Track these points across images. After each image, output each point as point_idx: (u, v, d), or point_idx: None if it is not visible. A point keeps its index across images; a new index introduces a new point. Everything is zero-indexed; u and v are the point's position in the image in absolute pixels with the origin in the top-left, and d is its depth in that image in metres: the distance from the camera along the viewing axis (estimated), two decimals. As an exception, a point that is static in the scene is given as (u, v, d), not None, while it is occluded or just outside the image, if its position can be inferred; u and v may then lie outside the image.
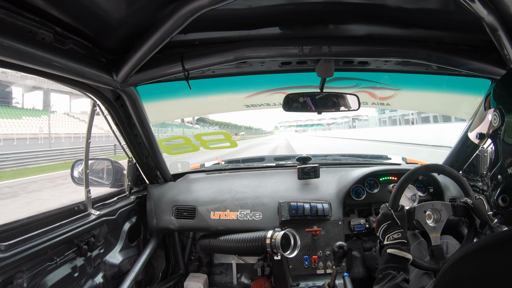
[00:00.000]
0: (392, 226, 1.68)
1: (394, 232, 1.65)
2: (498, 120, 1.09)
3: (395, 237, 1.63)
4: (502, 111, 1.08)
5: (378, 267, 1.60)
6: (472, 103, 2.50)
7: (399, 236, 1.63)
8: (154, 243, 2.84)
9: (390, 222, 1.69)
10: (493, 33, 1.44)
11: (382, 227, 1.71)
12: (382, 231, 1.70)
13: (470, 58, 1.89)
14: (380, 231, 1.72)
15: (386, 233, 1.67)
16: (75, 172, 2.49)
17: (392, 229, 1.67)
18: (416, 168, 1.93)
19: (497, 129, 1.10)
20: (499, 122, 1.09)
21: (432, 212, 1.88)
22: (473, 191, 1.94)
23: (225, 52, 1.83)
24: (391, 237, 1.64)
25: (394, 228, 1.67)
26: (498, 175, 1.10)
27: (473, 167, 2.79)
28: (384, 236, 1.69)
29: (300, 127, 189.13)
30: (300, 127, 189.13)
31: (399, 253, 1.57)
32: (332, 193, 2.73)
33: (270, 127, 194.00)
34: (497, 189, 1.11)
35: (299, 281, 2.43)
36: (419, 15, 1.67)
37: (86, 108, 5.44)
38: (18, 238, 1.60)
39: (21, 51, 1.17)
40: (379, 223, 1.74)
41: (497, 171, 1.11)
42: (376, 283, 1.54)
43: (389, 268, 1.53)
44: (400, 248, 1.58)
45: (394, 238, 1.63)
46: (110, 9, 1.35)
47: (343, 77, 2.70)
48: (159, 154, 2.75)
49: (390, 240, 1.64)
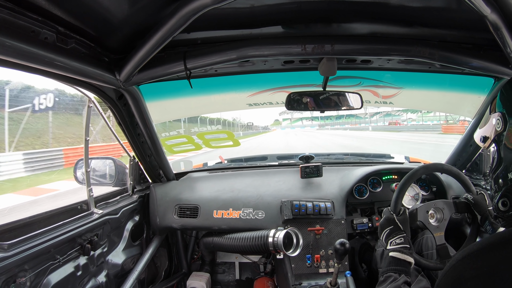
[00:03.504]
0: (395, 231, 1.69)
1: (397, 237, 1.66)
2: (501, 125, 1.09)
3: (397, 242, 1.64)
4: (505, 116, 1.08)
5: (381, 270, 1.62)
6: (475, 101, 2.48)
7: (402, 241, 1.64)
8: (157, 242, 2.85)
9: (393, 227, 1.70)
10: (496, 31, 1.44)
11: (385, 232, 1.72)
12: (385, 236, 1.71)
13: (473, 57, 1.88)
14: (383, 236, 1.73)
15: (389, 238, 1.68)
16: (78, 172, 2.49)
17: (395, 234, 1.68)
18: (415, 169, 1.92)
19: (500, 134, 1.10)
20: (502, 127, 1.09)
21: (435, 211, 1.87)
22: (474, 187, 1.94)
23: (228, 51, 1.83)
24: (394, 242, 1.65)
25: (397, 233, 1.68)
26: (500, 179, 1.10)
27: (476, 166, 2.78)
28: (387, 240, 1.69)
29: (320, 120, 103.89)
30: (320, 120, 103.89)
31: (402, 256, 1.58)
32: (334, 192, 2.73)
33: (268, 120, 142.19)
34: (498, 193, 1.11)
35: (302, 280, 2.44)
36: (422, 14, 1.66)
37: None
38: (21, 237, 1.61)
39: (24, 51, 1.17)
40: (382, 228, 1.75)
41: (499, 174, 1.11)
42: (378, 285, 1.55)
43: (390, 271, 1.55)
44: (402, 252, 1.59)
45: (397, 243, 1.64)
46: (112, 9, 1.35)
47: (346, 76, 2.69)
48: (162, 153, 2.75)
49: (393, 245, 1.65)
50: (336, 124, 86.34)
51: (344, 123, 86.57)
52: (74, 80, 1.68)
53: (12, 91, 16.87)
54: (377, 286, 1.55)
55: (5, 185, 11.82)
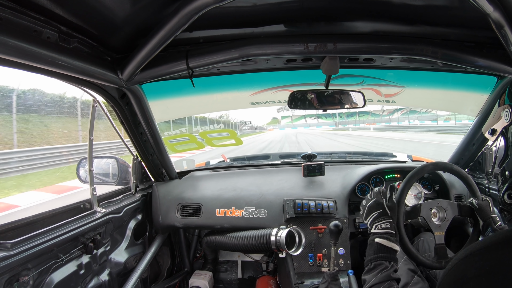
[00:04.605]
0: (382, 215, 1.69)
1: (383, 221, 1.66)
2: (510, 117, 1.09)
3: (383, 226, 1.64)
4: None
5: (368, 257, 1.60)
6: (478, 100, 2.47)
7: (388, 226, 1.64)
8: (159, 240, 2.86)
9: (381, 211, 1.70)
10: (499, 30, 1.43)
11: (372, 215, 1.72)
12: (372, 219, 1.71)
13: (476, 55, 1.87)
14: (370, 219, 1.73)
15: (375, 222, 1.68)
16: (81, 171, 2.50)
17: (381, 218, 1.68)
18: (425, 164, 1.93)
19: (508, 126, 1.10)
20: (510, 120, 1.09)
21: (438, 210, 1.87)
22: (480, 193, 1.93)
23: (230, 49, 1.83)
24: (379, 226, 1.65)
25: (384, 217, 1.68)
26: (506, 171, 1.10)
27: (479, 165, 2.77)
28: (372, 224, 1.69)
29: (328, 118, 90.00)
30: (328, 118, 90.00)
31: (388, 243, 1.58)
32: (337, 190, 2.73)
33: (265, 118, 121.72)
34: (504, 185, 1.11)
35: (304, 279, 2.44)
36: (424, 12, 1.66)
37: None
38: (24, 236, 1.62)
39: (26, 51, 1.17)
40: (370, 210, 1.75)
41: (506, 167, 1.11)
42: (366, 272, 1.55)
43: (380, 258, 1.54)
44: (388, 239, 1.59)
45: (382, 228, 1.64)
46: (114, 8, 1.35)
47: (348, 74, 2.69)
48: (164, 152, 2.75)
49: (378, 229, 1.64)
50: (348, 123, 73.07)
51: (359, 121, 74.08)
52: (77, 79, 1.68)
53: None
54: (366, 273, 1.55)
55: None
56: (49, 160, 14.80)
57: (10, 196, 9.83)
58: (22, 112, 17.03)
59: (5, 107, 15.95)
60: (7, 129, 15.67)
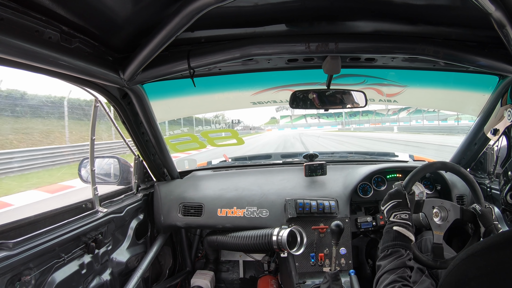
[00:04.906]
0: (401, 205, 1.70)
1: (403, 212, 1.67)
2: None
3: (402, 217, 1.65)
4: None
5: (382, 244, 1.62)
6: (480, 100, 2.47)
7: (406, 217, 1.65)
8: (161, 240, 2.86)
9: (401, 201, 1.71)
10: (500, 29, 1.43)
11: (392, 203, 1.73)
12: (390, 207, 1.72)
13: (477, 55, 1.87)
14: (388, 206, 1.74)
15: (394, 210, 1.69)
16: (83, 171, 2.50)
17: (401, 208, 1.69)
18: (434, 162, 1.95)
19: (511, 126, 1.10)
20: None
21: (440, 210, 1.87)
22: (484, 200, 1.93)
23: (232, 49, 1.83)
24: (399, 216, 1.66)
25: (403, 208, 1.69)
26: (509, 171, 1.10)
27: (481, 165, 2.77)
28: (390, 212, 1.70)
29: (328, 118, 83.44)
30: (328, 118, 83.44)
31: (406, 232, 1.59)
32: (339, 190, 2.73)
33: (263, 118, 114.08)
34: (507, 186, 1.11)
35: (305, 279, 2.43)
36: (426, 11, 1.65)
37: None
38: (26, 235, 1.62)
39: (28, 51, 1.17)
40: (390, 198, 1.76)
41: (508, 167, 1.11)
42: (382, 258, 1.55)
43: (397, 246, 1.55)
44: (407, 228, 1.60)
45: (401, 218, 1.65)
46: (116, 8, 1.35)
47: (350, 74, 2.69)
48: (166, 151, 2.76)
49: (397, 219, 1.65)
50: (351, 123, 68.33)
51: (362, 121, 67.58)
52: (78, 79, 1.68)
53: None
54: (382, 259, 1.55)
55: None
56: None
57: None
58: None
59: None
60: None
